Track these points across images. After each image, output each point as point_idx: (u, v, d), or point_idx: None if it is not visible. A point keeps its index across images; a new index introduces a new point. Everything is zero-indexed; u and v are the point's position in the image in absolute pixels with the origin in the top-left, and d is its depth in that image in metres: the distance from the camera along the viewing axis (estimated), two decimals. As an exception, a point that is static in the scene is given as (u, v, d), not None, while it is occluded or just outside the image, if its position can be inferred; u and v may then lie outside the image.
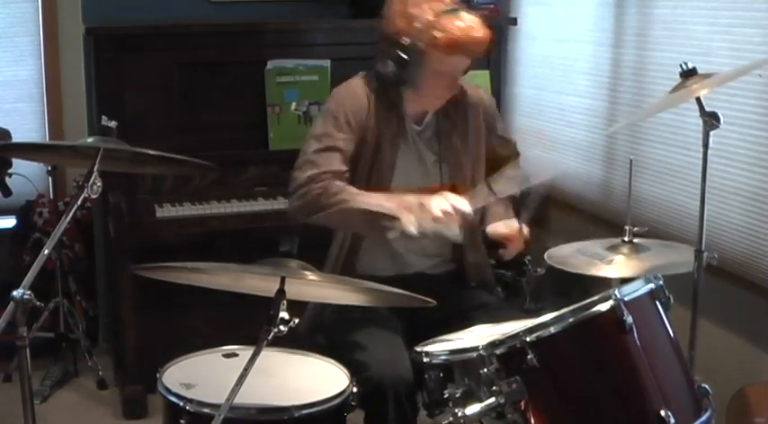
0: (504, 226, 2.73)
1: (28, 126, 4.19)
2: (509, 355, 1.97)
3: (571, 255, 2.69)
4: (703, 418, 2.01)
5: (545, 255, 2.70)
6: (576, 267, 2.59)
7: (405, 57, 2.57)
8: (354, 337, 2.54)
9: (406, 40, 2.56)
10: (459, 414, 1.97)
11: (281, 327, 1.90)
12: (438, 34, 2.53)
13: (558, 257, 2.69)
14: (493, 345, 1.99)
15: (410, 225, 2.49)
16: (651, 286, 2.07)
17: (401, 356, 2.45)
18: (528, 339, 1.94)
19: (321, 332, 2.69)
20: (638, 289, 2.04)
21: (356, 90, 2.70)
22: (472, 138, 2.79)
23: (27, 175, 3.86)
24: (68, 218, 1.97)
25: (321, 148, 2.62)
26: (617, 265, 2.58)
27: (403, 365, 2.42)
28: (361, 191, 2.60)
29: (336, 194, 2.57)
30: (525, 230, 2.67)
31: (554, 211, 4.03)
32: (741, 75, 2.72)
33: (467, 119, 2.78)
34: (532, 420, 1.95)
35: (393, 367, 2.40)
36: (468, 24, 2.55)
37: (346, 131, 2.63)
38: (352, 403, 2.27)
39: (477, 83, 3.47)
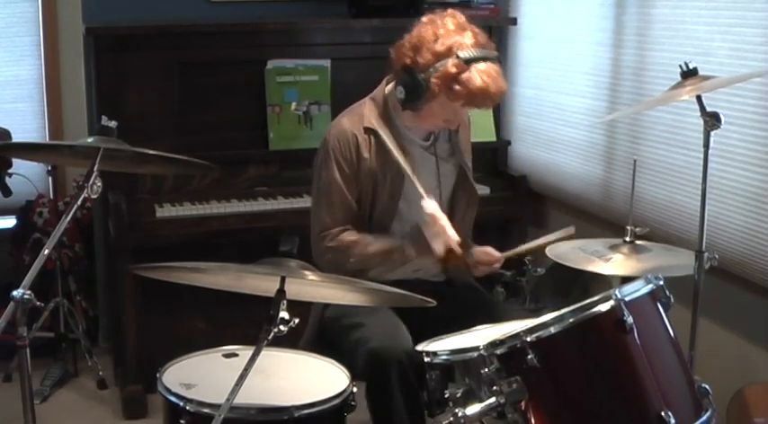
0: (485, 254, 2.77)
1: (28, 126, 4.19)
2: (509, 355, 1.97)
3: (571, 251, 2.70)
4: (703, 418, 2.02)
5: (546, 250, 2.71)
6: (575, 262, 2.61)
7: (417, 88, 2.55)
8: (351, 319, 2.58)
9: (422, 76, 2.54)
10: (460, 414, 1.97)
11: (281, 327, 1.90)
12: (458, 88, 2.51)
13: (558, 252, 2.70)
14: (493, 345, 1.99)
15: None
16: (651, 286, 2.07)
17: (399, 328, 2.47)
18: (528, 339, 1.94)
19: (322, 334, 2.71)
20: (639, 289, 2.04)
21: (344, 129, 2.69)
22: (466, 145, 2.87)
23: (27, 175, 3.87)
24: (68, 218, 1.97)
25: (325, 200, 2.67)
26: (616, 263, 2.59)
27: (402, 335, 2.44)
28: (367, 244, 2.65)
29: (346, 253, 2.64)
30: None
31: (554, 211, 4.03)
32: (740, 81, 2.73)
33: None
34: (533, 420, 1.95)
35: (392, 337, 2.43)
36: (487, 82, 2.50)
37: (345, 174, 2.65)
38: (352, 403, 2.27)
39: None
